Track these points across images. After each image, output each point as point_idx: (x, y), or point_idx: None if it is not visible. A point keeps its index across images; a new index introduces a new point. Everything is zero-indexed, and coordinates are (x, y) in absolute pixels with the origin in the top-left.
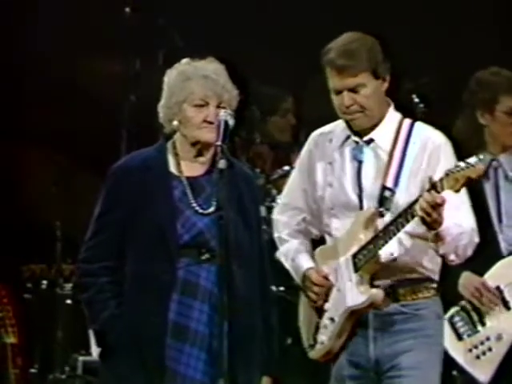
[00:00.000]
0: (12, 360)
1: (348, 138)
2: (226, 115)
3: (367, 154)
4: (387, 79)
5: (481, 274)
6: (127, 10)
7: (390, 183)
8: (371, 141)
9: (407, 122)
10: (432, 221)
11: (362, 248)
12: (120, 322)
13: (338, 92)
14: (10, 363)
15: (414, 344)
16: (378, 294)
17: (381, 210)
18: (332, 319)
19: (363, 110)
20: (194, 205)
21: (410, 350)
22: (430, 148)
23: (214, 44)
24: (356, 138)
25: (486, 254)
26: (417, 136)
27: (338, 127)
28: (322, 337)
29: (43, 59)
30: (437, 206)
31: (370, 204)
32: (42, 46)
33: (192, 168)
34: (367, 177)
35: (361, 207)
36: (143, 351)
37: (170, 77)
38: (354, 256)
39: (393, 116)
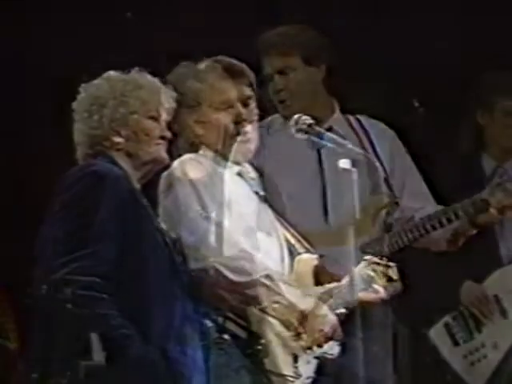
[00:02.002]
0: (13, 365)
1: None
2: None
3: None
4: (322, 68)
5: (481, 280)
6: (128, 14)
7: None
8: (330, 129)
9: (351, 116)
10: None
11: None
12: (126, 332)
13: (271, 78)
14: (11, 368)
15: (381, 354)
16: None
17: (396, 199)
18: None
19: (293, 95)
20: None
21: (378, 361)
22: (388, 138)
23: (214, 47)
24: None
25: (486, 260)
26: (370, 127)
27: (273, 117)
28: None
29: (44, 62)
30: None
31: (333, 193)
32: (43, 48)
33: None
34: (329, 164)
35: (324, 195)
36: (150, 360)
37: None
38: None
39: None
